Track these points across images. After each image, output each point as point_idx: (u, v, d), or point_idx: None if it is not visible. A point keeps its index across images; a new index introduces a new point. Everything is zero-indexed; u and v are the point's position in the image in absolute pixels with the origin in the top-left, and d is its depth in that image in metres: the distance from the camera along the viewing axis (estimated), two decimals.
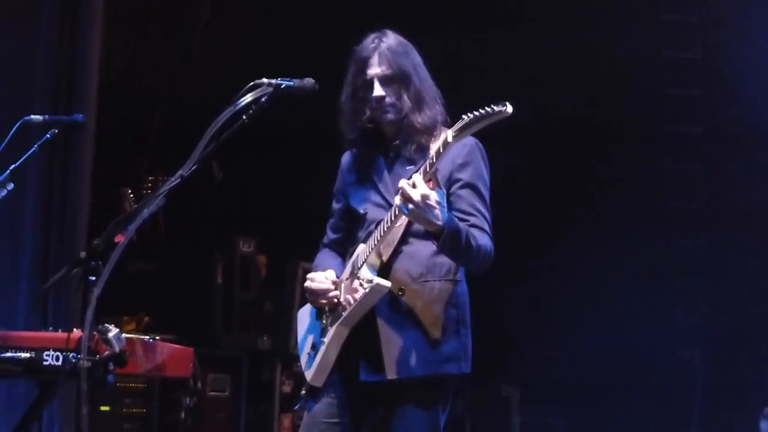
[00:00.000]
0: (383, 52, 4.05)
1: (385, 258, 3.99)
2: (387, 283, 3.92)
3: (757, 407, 7.18)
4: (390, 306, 3.97)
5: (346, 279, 4.06)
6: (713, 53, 8.40)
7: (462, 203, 3.99)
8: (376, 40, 4.08)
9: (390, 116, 4.05)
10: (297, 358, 7.62)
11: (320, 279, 4.11)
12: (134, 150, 8.55)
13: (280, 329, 7.97)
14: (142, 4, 8.29)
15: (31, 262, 6.44)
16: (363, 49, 4.08)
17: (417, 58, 4.12)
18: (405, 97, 4.03)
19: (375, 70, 4.04)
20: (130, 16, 8.09)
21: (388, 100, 4.04)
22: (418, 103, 4.04)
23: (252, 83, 3.81)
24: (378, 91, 4.04)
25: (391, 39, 4.09)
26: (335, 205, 4.29)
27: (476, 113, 3.71)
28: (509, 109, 3.65)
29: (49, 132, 4.78)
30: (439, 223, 3.79)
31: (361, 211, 4.13)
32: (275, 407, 7.87)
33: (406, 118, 4.04)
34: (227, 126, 3.73)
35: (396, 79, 4.04)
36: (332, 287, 4.07)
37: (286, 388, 7.94)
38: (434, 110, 4.08)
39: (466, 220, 3.95)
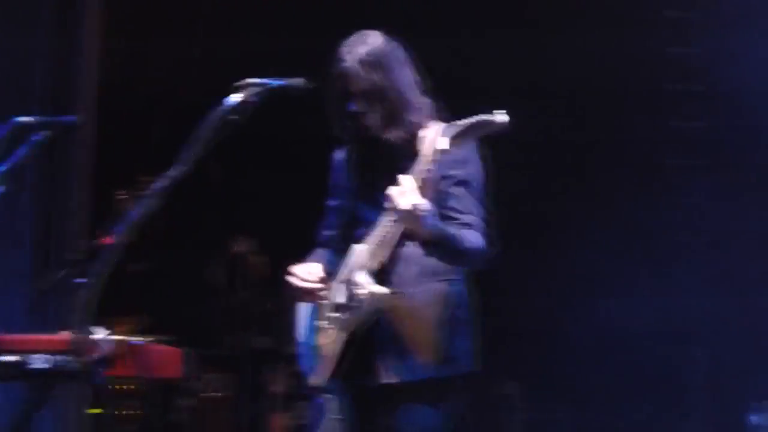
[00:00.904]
0: (353, 66, 3.94)
1: (382, 261, 3.95)
2: (385, 291, 3.90)
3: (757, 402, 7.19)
4: (388, 310, 3.93)
5: (341, 281, 4.03)
6: (715, 50, 8.37)
7: (454, 201, 3.95)
8: (349, 51, 3.98)
9: (367, 131, 3.98)
10: (297, 358, 7.74)
11: (303, 275, 4.10)
12: (132, 151, 8.53)
13: (281, 329, 7.96)
14: (140, 5, 8.29)
15: (29, 264, 6.45)
16: (338, 59, 4.00)
17: (393, 61, 4.00)
18: (374, 114, 3.95)
19: (347, 84, 3.97)
20: (129, 17, 8.09)
21: (361, 114, 3.97)
22: (390, 118, 3.96)
23: (241, 83, 3.80)
24: (352, 106, 3.97)
25: (363, 48, 3.98)
26: (330, 203, 4.27)
27: (472, 120, 3.67)
28: (506, 118, 3.62)
29: (40, 134, 4.78)
30: (426, 230, 3.78)
31: (357, 211, 4.10)
32: (275, 407, 7.87)
33: (379, 136, 3.97)
34: (217, 127, 3.72)
35: (365, 95, 3.95)
36: (316, 285, 4.07)
37: (287, 388, 7.93)
38: (413, 116, 3.98)
39: (458, 219, 3.93)
